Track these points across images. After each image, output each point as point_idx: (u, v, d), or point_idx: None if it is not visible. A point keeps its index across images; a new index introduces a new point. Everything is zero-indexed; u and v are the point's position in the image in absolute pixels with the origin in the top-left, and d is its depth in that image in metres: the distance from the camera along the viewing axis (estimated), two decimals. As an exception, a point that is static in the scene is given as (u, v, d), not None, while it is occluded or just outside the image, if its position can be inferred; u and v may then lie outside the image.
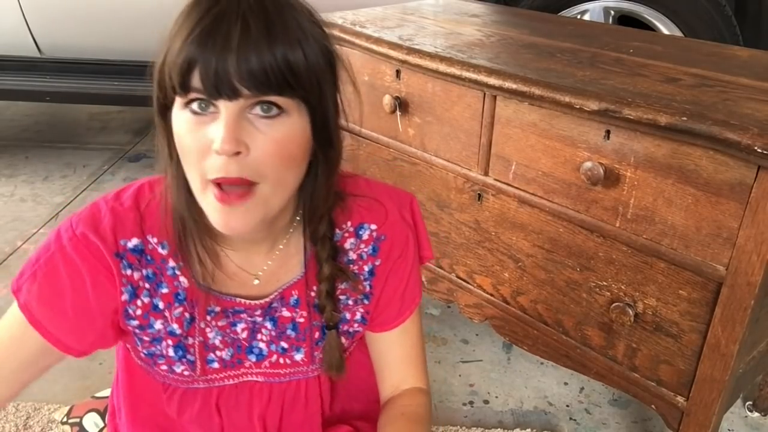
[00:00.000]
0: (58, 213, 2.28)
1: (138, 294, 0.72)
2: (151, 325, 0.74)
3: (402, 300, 0.82)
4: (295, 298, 0.78)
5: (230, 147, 0.58)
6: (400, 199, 0.81)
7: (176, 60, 0.58)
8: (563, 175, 1.09)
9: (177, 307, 0.74)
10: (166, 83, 0.60)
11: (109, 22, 2.26)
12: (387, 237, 0.79)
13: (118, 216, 0.70)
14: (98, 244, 0.68)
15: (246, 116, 0.59)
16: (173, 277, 0.73)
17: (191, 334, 0.75)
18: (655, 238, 1.00)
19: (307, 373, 0.81)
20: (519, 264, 1.24)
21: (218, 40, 0.56)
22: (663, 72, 1.11)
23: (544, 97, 1.05)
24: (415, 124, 1.32)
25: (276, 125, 0.60)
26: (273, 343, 0.79)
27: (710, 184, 0.91)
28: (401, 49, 1.26)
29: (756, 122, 0.86)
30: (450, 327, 1.72)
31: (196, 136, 0.60)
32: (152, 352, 0.76)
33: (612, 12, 2.08)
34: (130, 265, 0.71)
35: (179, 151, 0.62)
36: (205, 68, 0.57)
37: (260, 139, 0.60)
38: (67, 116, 3.24)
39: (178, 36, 0.58)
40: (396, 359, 0.85)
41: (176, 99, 0.61)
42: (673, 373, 1.05)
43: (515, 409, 1.47)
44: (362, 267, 0.79)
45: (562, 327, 1.20)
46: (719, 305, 0.95)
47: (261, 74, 0.57)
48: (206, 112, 0.59)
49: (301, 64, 0.59)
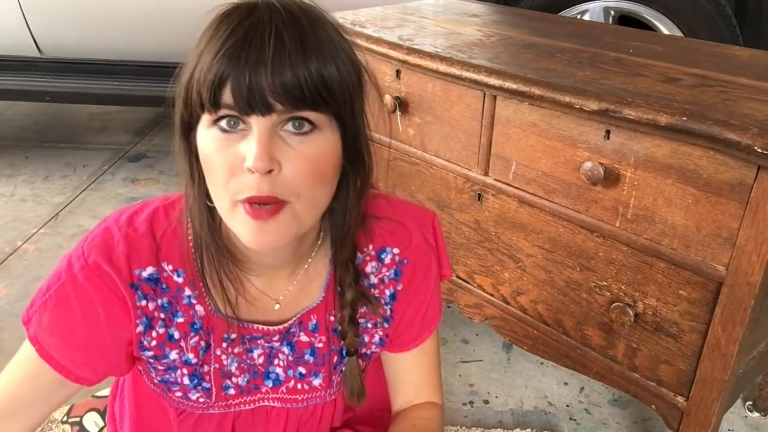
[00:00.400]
0: (58, 213, 2.28)
1: (153, 325, 0.70)
2: (166, 356, 0.72)
3: (422, 322, 0.80)
4: (314, 322, 0.76)
5: (264, 164, 0.56)
6: (423, 220, 0.79)
7: (206, 75, 0.56)
8: (563, 175, 1.09)
9: (193, 336, 0.72)
10: (193, 100, 0.58)
11: (109, 22, 2.26)
12: (410, 261, 0.77)
13: (132, 243, 0.68)
14: (112, 275, 0.66)
15: (278, 133, 0.58)
16: (189, 306, 0.71)
17: (207, 362, 0.74)
18: (655, 238, 1.00)
19: (324, 398, 0.80)
20: (519, 264, 1.24)
21: (251, 55, 0.55)
22: (663, 72, 1.11)
23: (544, 97, 1.05)
24: (415, 124, 1.32)
25: (308, 142, 0.58)
26: (290, 368, 0.77)
27: (710, 184, 0.91)
28: (401, 49, 1.26)
29: (756, 122, 0.86)
30: (450, 327, 1.72)
31: (225, 154, 0.58)
32: (166, 379, 0.74)
33: (612, 12, 2.08)
34: (145, 296, 0.68)
35: (206, 172, 0.60)
36: (238, 83, 0.55)
37: (292, 156, 0.58)
38: (67, 116, 3.24)
39: (207, 51, 0.56)
40: (412, 379, 0.83)
41: (203, 117, 0.59)
42: (673, 373, 1.05)
43: (515, 409, 1.47)
44: (383, 291, 0.77)
45: (562, 327, 1.20)
46: (719, 305, 0.95)
47: (296, 89, 0.55)
48: (236, 129, 0.57)
49: (335, 78, 0.58)
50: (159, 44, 2.23)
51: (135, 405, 0.83)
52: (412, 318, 0.79)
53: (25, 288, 1.84)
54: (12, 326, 1.66)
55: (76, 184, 2.49)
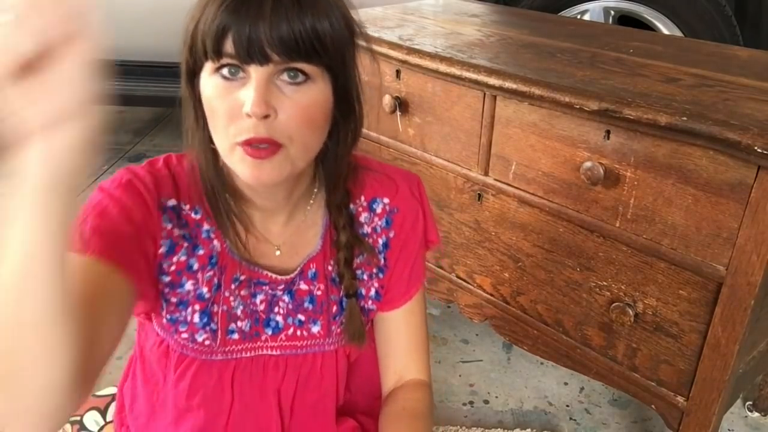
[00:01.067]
0: (58, 213, 2.27)
1: (176, 251, 0.73)
2: (181, 285, 0.74)
3: (410, 275, 0.84)
4: (313, 271, 0.79)
5: (260, 109, 0.60)
6: (409, 177, 0.85)
7: (210, 26, 0.60)
8: (563, 175, 1.09)
9: (209, 270, 0.75)
10: (197, 48, 0.63)
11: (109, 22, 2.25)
12: (399, 210, 0.82)
13: (156, 178, 0.73)
14: (143, 192, 0.70)
15: (274, 82, 0.62)
16: (208, 239, 0.75)
17: (216, 301, 0.76)
18: (655, 238, 1.00)
19: (323, 347, 0.82)
20: (519, 264, 1.24)
21: (252, 8, 0.59)
22: (663, 72, 1.11)
23: (544, 97, 1.05)
24: (415, 124, 1.32)
25: (302, 91, 0.63)
26: (290, 316, 0.80)
27: (710, 184, 0.91)
28: (401, 49, 1.26)
29: (756, 122, 0.86)
30: (450, 327, 1.72)
31: (226, 100, 0.62)
32: (176, 318, 0.76)
33: (612, 12, 2.08)
34: (170, 220, 0.73)
35: (208, 116, 0.65)
36: (239, 34, 0.59)
37: (287, 103, 0.62)
38: (67, 116, 3.23)
39: (211, 3, 0.61)
40: (401, 343, 0.86)
41: (206, 65, 0.63)
42: (673, 373, 1.05)
43: (515, 409, 1.47)
44: (377, 240, 0.82)
45: (562, 327, 1.20)
46: (719, 305, 0.95)
47: (291, 41, 0.60)
48: (236, 77, 0.62)
49: (328, 33, 0.62)
50: (159, 44, 2.23)
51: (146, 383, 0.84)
52: (402, 269, 0.83)
53: (25, 288, 1.84)
54: (12, 326, 1.66)
55: (76, 184, 2.49)
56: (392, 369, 0.86)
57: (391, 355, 0.87)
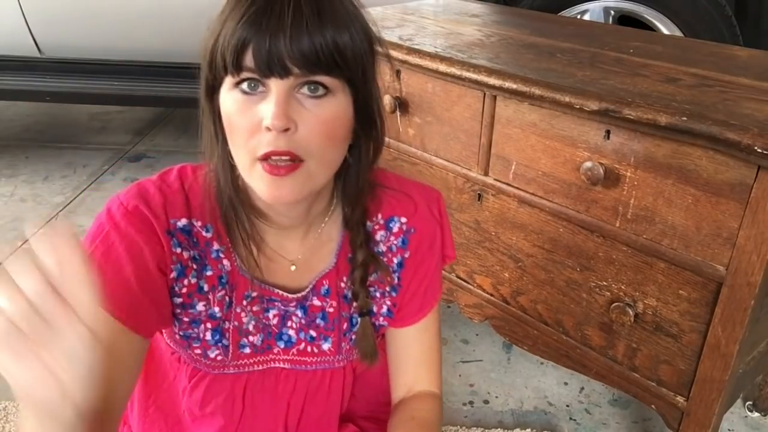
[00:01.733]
0: (58, 213, 2.28)
1: (186, 273, 0.73)
2: (193, 306, 0.74)
3: (425, 294, 0.83)
4: (326, 287, 0.79)
5: (281, 123, 0.60)
6: (429, 195, 0.83)
7: (230, 40, 0.60)
8: (563, 175, 1.09)
9: (220, 290, 0.75)
10: (217, 63, 0.62)
11: (109, 22, 2.26)
12: (416, 230, 0.81)
13: (167, 196, 0.72)
14: (151, 219, 0.70)
15: (294, 95, 0.62)
16: (217, 260, 0.74)
17: (228, 318, 0.76)
18: (655, 238, 1.00)
19: (333, 363, 0.82)
20: (519, 264, 1.24)
21: (272, 21, 0.59)
22: (663, 72, 1.11)
23: (544, 97, 1.05)
24: (415, 124, 1.32)
25: (322, 105, 0.63)
26: (302, 331, 0.80)
27: (710, 184, 0.91)
28: (401, 49, 1.26)
29: (756, 122, 0.86)
30: (450, 327, 1.72)
31: (246, 114, 0.62)
32: (188, 334, 0.76)
33: (612, 12, 2.08)
34: (180, 244, 0.72)
35: (227, 131, 0.65)
36: (259, 48, 0.59)
37: (307, 117, 0.62)
38: (67, 116, 3.24)
39: (231, 18, 0.61)
40: (412, 358, 0.85)
41: (225, 80, 0.63)
42: (673, 373, 1.05)
43: (515, 409, 1.47)
44: (391, 259, 0.81)
45: (562, 327, 1.20)
46: (719, 305, 0.95)
47: (311, 54, 0.60)
48: (256, 91, 0.62)
49: (348, 46, 0.62)
50: (159, 44, 2.23)
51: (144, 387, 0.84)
52: (416, 288, 0.82)
53: (25, 288, 1.84)
54: (12, 326, 1.66)
55: (76, 184, 2.49)
56: (402, 381, 0.85)
57: (402, 368, 0.85)
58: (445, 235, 0.84)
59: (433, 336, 0.85)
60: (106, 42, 2.30)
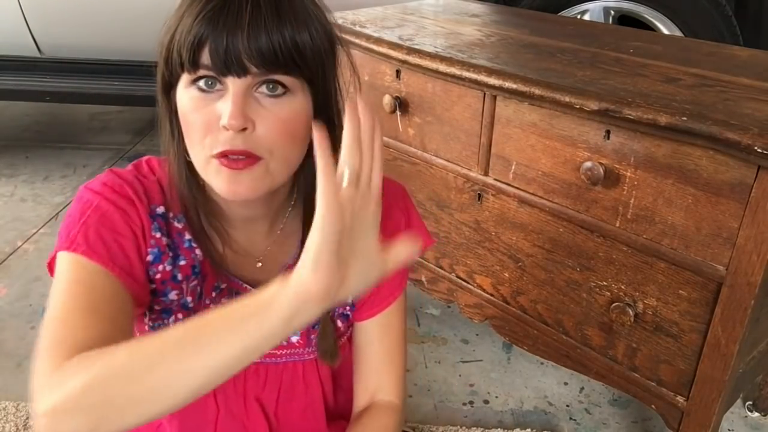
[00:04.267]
0: (58, 213, 2.28)
1: (162, 259, 0.72)
2: (165, 294, 0.74)
3: (387, 284, 0.81)
4: None
5: (238, 122, 0.59)
6: (393, 188, 0.82)
7: (186, 37, 0.59)
8: (563, 175, 1.09)
9: (193, 279, 0.75)
10: (173, 60, 0.61)
11: (109, 22, 2.26)
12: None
13: (145, 184, 0.72)
14: (134, 200, 0.69)
15: (252, 94, 0.61)
16: (189, 249, 0.74)
17: (198, 309, 0.76)
18: (655, 238, 1.00)
19: (302, 356, 0.81)
20: (519, 264, 1.24)
21: (229, 19, 0.58)
22: (663, 72, 1.11)
23: (544, 97, 1.05)
24: (415, 124, 1.32)
25: (281, 104, 0.62)
26: None
27: (710, 184, 0.91)
28: (401, 49, 1.26)
29: (756, 122, 0.86)
30: (450, 327, 1.72)
31: (203, 112, 0.61)
32: (158, 325, 0.76)
33: (612, 12, 2.08)
34: (159, 228, 0.71)
35: (183, 128, 0.64)
36: (216, 45, 0.58)
37: (266, 116, 0.61)
38: (67, 116, 3.24)
39: (188, 14, 0.60)
40: (375, 356, 0.83)
41: (182, 77, 0.62)
42: (673, 373, 1.05)
43: (515, 409, 1.47)
44: None
45: (562, 327, 1.20)
46: (719, 305, 0.95)
47: (269, 53, 0.59)
48: (213, 89, 0.61)
49: (308, 45, 0.61)
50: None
51: None
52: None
53: (25, 288, 1.84)
54: (12, 326, 1.66)
55: (76, 184, 2.49)
56: (364, 385, 0.84)
57: (364, 368, 0.84)
58: (412, 225, 0.83)
59: (396, 335, 0.84)
60: (106, 42, 2.31)
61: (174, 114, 0.65)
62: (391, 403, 0.83)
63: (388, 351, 0.84)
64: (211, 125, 0.61)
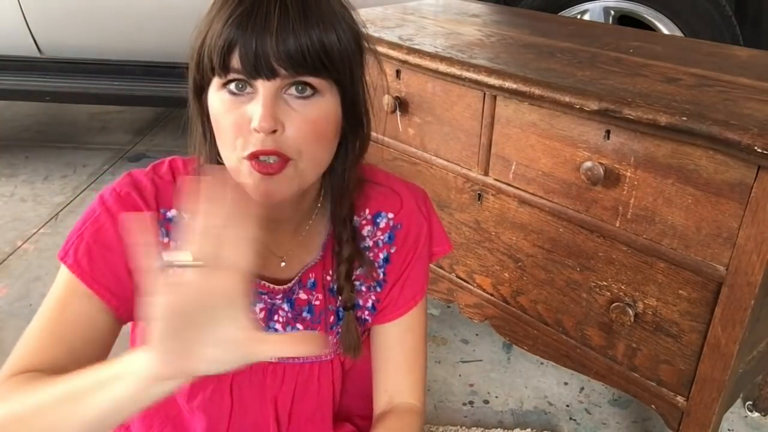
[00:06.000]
0: (58, 213, 2.28)
1: None
2: None
3: (409, 289, 0.82)
4: (312, 280, 0.79)
5: (268, 124, 0.60)
6: (416, 192, 0.84)
7: (216, 42, 0.60)
8: (563, 175, 1.09)
9: None
10: (204, 64, 0.63)
11: (109, 22, 2.26)
12: (403, 226, 0.81)
13: (158, 186, 0.73)
14: (142, 207, 0.71)
15: (282, 96, 0.62)
16: None
17: None
18: (655, 238, 1.00)
19: (320, 357, 0.82)
20: (519, 264, 1.24)
21: (258, 23, 0.59)
22: (663, 72, 1.11)
23: (544, 97, 1.05)
24: (415, 124, 1.32)
25: (310, 105, 0.63)
26: (289, 325, 0.80)
27: (710, 184, 0.91)
28: (401, 49, 1.26)
29: (756, 122, 0.86)
30: (450, 327, 1.72)
31: (234, 115, 0.62)
32: None
33: (612, 12, 2.08)
34: (167, 233, 0.72)
35: (215, 130, 0.65)
36: (245, 49, 0.59)
37: (295, 118, 0.62)
38: (67, 116, 3.24)
39: (217, 18, 0.61)
40: (394, 360, 0.84)
41: (213, 80, 0.63)
42: (673, 373, 1.05)
43: (515, 409, 1.47)
44: (378, 254, 0.81)
45: (562, 327, 1.20)
46: (719, 305, 0.95)
47: (298, 55, 0.60)
48: (243, 92, 0.62)
49: (335, 46, 0.62)
50: (159, 44, 2.23)
51: None
52: (402, 283, 0.82)
53: (25, 288, 1.84)
54: (12, 326, 1.66)
55: (76, 184, 2.49)
56: (383, 387, 0.84)
57: (383, 371, 0.84)
58: (433, 231, 0.84)
59: (417, 338, 0.84)
60: (106, 42, 2.31)
61: (206, 117, 0.66)
62: (412, 406, 0.83)
63: (408, 354, 0.84)
64: (242, 128, 0.62)
